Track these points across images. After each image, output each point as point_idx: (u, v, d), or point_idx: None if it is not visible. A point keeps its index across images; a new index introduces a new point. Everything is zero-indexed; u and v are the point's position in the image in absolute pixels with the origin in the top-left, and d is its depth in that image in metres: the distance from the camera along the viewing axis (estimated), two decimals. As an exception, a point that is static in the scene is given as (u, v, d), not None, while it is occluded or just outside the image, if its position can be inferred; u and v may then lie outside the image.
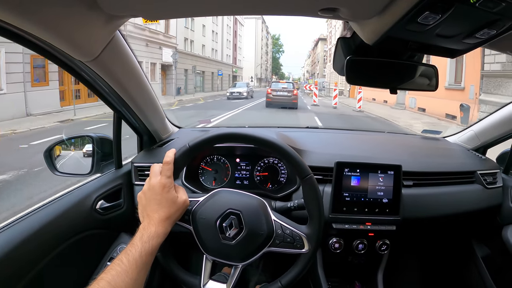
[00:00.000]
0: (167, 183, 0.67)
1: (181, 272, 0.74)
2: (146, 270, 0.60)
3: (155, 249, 0.62)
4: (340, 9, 0.60)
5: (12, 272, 0.71)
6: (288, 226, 0.72)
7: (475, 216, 1.25)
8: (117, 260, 0.57)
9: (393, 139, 1.57)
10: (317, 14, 0.63)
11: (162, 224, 0.65)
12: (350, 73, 0.76)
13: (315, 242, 0.72)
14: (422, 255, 1.52)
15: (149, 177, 0.69)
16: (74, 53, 0.70)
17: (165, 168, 0.68)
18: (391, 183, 1.01)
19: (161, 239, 0.64)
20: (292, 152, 0.73)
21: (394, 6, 0.56)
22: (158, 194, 0.66)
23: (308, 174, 0.72)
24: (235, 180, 1.19)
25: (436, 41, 0.68)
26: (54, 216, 0.85)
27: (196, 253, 1.49)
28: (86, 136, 1.13)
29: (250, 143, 0.76)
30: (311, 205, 0.73)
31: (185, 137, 1.31)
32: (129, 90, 0.92)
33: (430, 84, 0.85)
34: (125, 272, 0.55)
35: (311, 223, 0.73)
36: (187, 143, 0.72)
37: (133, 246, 0.60)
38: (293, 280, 0.72)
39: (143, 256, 0.59)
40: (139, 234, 0.62)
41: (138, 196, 0.69)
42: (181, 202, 0.68)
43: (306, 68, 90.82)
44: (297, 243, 0.71)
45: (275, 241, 0.71)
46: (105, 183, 1.05)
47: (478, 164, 1.27)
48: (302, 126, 1.66)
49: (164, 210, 0.66)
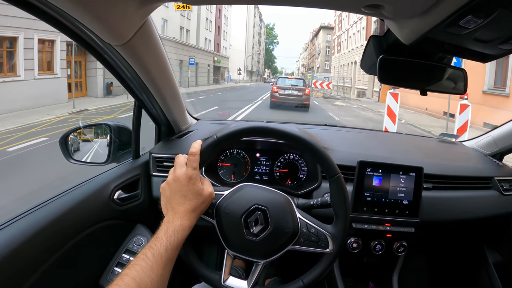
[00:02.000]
0: (193, 174, 0.64)
1: (201, 267, 0.72)
2: (171, 265, 0.58)
3: (180, 243, 0.60)
4: (384, 7, 0.60)
5: (29, 260, 0.70)
6: (313, 225, 0.71)
7: (490, 222, 1.26)
8: (142, 255, 0.55)
9: (411, 141, 1.56)
10: (361, 10, 0.63)
11: (187, 217, 0.63)
12: (382, 73, 0.76)
13: (340, 242, 0.71)
14: (433, 257, 1.52)
15: (173, 168, 0.67)
16: (105, 35, 0.69)
17: (191, 159, 0.66)
18: (412, 184, 1.01)
19: (187, 232, 0.62)
20: (322, 150, 0.72)
21: (438, 8, 0.55)
22: (184, 186, 0.64)
23: (337, 173, 0.71)
24: (254, 175, 1.18)
25: (471, 45, 0.69)
26: (73, 205, 0.84)
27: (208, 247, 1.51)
28: (103, 124, 1.12)
29: (279, 138, 0.74)
30: (338, 205, 0.72)
31: (203, 130, 1.30)
32: (155, 78, 0.90)
33: (456, 88, 0.86)
34: (150, 268, 0.53)
35: (337, 223, 0.72)
36: (215, 134, 0.70)
37: (158, 240, 0.57)
38: (316, 279, 0.71)
39: (168, 250, 0.57)
40: (164, 227, 0.60)
41: (162, 187, 0.67)
42: (207, 194, 0.66)
43: (302, 62, 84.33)
44: (321, 242, 0.70)
45: (299, 240, 0.70)
46: (123, 173, 1.04)
47: (495, 170, 1.27)
48: (321, 123, 1.66)
49: (189, 202, 0.64)
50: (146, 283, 0.51)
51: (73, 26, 0.68)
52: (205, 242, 1.49)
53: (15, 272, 0.66)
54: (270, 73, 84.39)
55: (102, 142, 1.14)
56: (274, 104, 11.39)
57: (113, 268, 0.96)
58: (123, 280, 0.50)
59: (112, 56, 0.80)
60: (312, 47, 60.23)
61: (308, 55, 69.56)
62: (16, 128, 6.81)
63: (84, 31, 0.70)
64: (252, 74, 57.87)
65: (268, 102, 12.19)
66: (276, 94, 11.40)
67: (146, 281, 0.51)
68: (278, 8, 72.31)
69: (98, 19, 0.62)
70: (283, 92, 11.40)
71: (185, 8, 22.88)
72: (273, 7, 76.49)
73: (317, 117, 10.58)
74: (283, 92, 11.40)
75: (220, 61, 33.27)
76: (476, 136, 1.52)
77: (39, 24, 5.78)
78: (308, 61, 67.57)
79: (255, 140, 1.16)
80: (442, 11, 0.55)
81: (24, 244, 0.68)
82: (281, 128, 0.73)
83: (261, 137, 0.74)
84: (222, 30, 35.36)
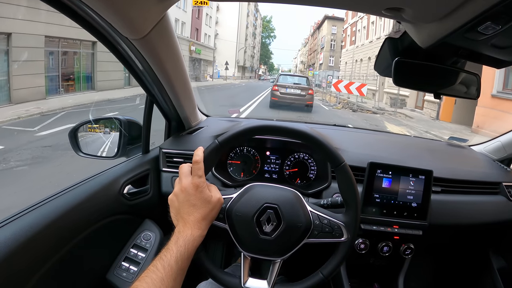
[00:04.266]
0: (200, 183, 0.64)
1: (219, 273, 0.72)
2: (183, 276, 0.58)
3: (191, 254, 0.60)
4: (405, 10, 0.60)
5: (39, 253, 0.70)
6: (326, 216, 0.72)
7: (496, 228, 1.26)
8: (152, 267, 0.55)
9: (420, 144, 1.56)
10: (381, 13, 0.63)
11: (198, 226, 0.63)
12: (397, 75, 0.76)
13: (354, 230, 0.71)
14: (438, 261, 1.52)
15: (178, 178, 0.67)
16: (124, 29, 0.68)
17: (196, 168, 0.65)
18: (421, 187, 1.01)
19: (198, 242, 0.62)
20: (324, 141, 0.72)
21: (457, 13, 0.56)
22: (192, 195, 0.64)
23: (342, 162, 0.71)
24: (264, 173, 1.18)
25: (488, 51, 0.69)
26: (83, 198, 0.84)
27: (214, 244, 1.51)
28: (114, 118, 1.12)
29: (280, 134, 0.75)
30: (347, 193, 0.72)
31: (213, 126, 1.30)
32: (168, 73, 0.90)
33: (469, 92, 0.86)
34: (160, 280, 0.53)
35: (348, 211, 0.73)
36: (216, 139, 0.70)
37: (168, 251, 0.57)
38: (335, 269, 0.72)
39: (179, 261, 0.57)
40: (174, 238, 0.60)
41: (170, 199, 0.67)
42: (216, 201, 0.66)
43: (301, 58, 78.46)
44: (335, 232, 0.71)
45: (313, 232, 0.70)
46: (133, 167, 1.04)
47: (503, 176, 1.27)
48: (330, 123, 1.66)
49: (199, 211, 0.63)
50: None
51: (90, 18, 0.68)
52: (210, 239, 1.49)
53: (25, 264, 0.66)
54: (266, 69, 78.87)
55: (112, 136, 1.14)
56: (275, 104, 10.46)
57: (120, 263, 0.96)
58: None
59: (127, 50, 0.80)
60: (313, 41, 53.72)
61: (308, 51, 63.21)
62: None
63: (100, 24, 0.70)
64: (245, 70, 50.07)
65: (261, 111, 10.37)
66: (277, 93, 10.40)
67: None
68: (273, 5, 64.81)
69: (118, 12, 0.62)
70: (285, 91, 10.37)
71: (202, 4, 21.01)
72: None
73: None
74: (284, 91, 10.38)
75: (200, 52, 25.73)
76: (485, 141, 1.52)
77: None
78: (308, 57, 61.16)
79: (264, 138, 1.16)
80: (461, 16, 0.55)
81: (34, 237, 0.68)
82: (282, 125, 0.73)
83: (263, 135, 0.74)
84: (203, 13, 27.59)
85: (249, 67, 52.73)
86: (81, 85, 10.61)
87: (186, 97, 1.09)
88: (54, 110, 7.26)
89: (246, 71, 50.46)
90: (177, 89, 0.99)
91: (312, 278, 0.72)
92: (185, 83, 1.02)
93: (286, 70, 76.97)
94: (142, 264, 0.96)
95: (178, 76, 0.96)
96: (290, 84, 10.67)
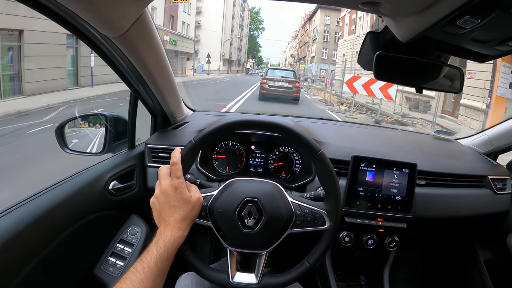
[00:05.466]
0: (179, 183, 0.65)
1: (207, 270, 0.73)
2: (163, 277, 0.59)
3: (171, 254, 0.61)
4: (381, 4, 0.60)
5: (24, 250, 0.70)
6: (307, 205, 0.73)
7: (482, 221, 1.27)
8: (132, 269, 0.56)
9: (406, 137, 1.57)
10: (358, 7, 0.63)
11: (178, 226, 0.64)
12: (378, 69, 0.76)
13: (336, 217, 0.72)
14: (425, 254, 1.54)
15: (158, 181, 0.68)
16: (101, 27, 0.68)
17: (174, 169, 0.66)
18: (405, 181, 1.02)
19: (178, 242, 0.63)
20: (300, 131, 0.72)
21: (435, 7, 0.55)
22: (171, 197, 0.64)
23: (318, 150, 0.71)
24: (249, 167, 1.19)
25: (468, 45, 0.69)
26: (68, 195, 0.84)
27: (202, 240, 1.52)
28: (99, 114, 1.12)
29: (257, 128, 0.75)
30: (326, 181, 0.73)
31: (199, 121, 1.30)
32: (151, 69, 0.90)
33: (453, 86, 0.86)
34: (140, 282, 0.54)
35: (328, 199, 0.73)
36: (192, 138, 0.71)
37: (148, 253, 0.58)
38: (320, 258, 0.73)
39: (158, 263, 0.57)
40: (155, 239, 0.61)
41: (151, 202, 0.68)
42: (195, 200, 0.67)
43: (290, 51, 72.82)
44: (318, 220, 0.72)
45: (296, 222, 0.71)
46: (118, 163, 1.04)
47: (489, 169, 1.28)
48: (316, 117, 1.65)
49: (179, 212, 0.64)
50: None
51: (70, 17, 0.67)
52: (198, 235, 1.51)
53: (10, 262, 0.67)
54: (254, 63, 76.49)
55: (98, 132, 1.14)
56: (264, 96, 10.93)
57: (107, 258, 0.97)
58: None
59: (108, 48, 0.79)
60: (304, 33, 49.19)
61: (298, 44, 58.25)
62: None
63: (80, 23, 0.70)
64: (231, 63, 46.72)
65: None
66: (265, 85, 10.94)
67: None
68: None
69: (94, 11, 0.61)
70: (273, 84, 10.91)
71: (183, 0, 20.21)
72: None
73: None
74: (272, 84, 10.92)
75: (175, 43, 22.20)
76: (471, 135, 1.53)
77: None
78: (299, 50, 56.41)
79: (249, 132, 1.16)
80: (439, 10, 0.55)
81: (19, 234, 0.69)
82: (257, 119, 0.73)
83: (239, 130, 0.74)
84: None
85: (236, 61, 50.04)
86: (1, 90, 7.39)
87: (171, 93, 1.08)
88: None
89: (232, 65, 47.71)
90: (160, 85, 0.99)
91: (299, 268, 0.73)
92: (169, 79, 1.01)
93: (275, 64, 74.12)
94: (128, 259, 0.97)
95: (161, 72, 0.95)
96: (278, 78, 11.19)
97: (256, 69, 67.83)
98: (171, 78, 1.04)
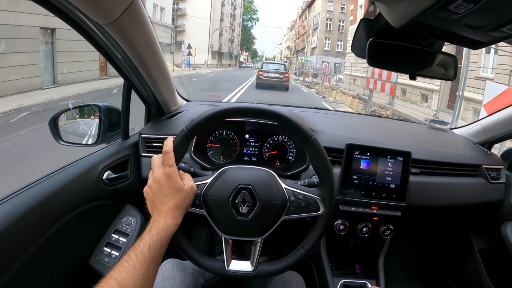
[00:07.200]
0: (171, 172, 0.65)
1: (203, 258, 0.73)
2: (157, 264, 0.60)
3: (165, 242, 0.62)
4: None
5: (18, 241, 0.70)
6: (301, 191, 0.72)
7: (476, 209, 1.28)
8: (126, 256, 0.56)
9: (401, 126, 1.57)
10: None
11: (171, 214, 0.64)
12: (371, 56, 0.76)
13: (330, 202, 0.72)
14: (420, 242, 1.55)
15: (151, 170, 0.68)
16: (92, 13, 0.67)
17: (166, 158, 0.67)
18: (399, 169, 1.02)
19: (171, 230, 0.63)
20: (292, 117, 0.72)
21: None
22: (164, 185, 0.65)
23: (310, 136, 0.71)
24: (243, 156, 1.19)
25: (462, 31, 0.68)
26: (61, 185, 0.84)
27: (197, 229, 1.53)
28: (93, 105, 1.11)
29: (249, 116, 0.75)
30: (319, 167, 0.73)
31: (193, 111, 1.30)
32: (143, 58, 0.89)
33: (447, 74, 0.86)
34: (133, 268, 0.54)
35: (322, 184, 0.73)
36: (185, 127, 0.71)
37: (142, 241, 0.59)
38: (315, 244, 0.73)
39: (151, 250, 0.58)
40: (148, 227, 0.62)
41: (145, 191, 0.68)
42: (188, 189, 0.67)
43: (286, 43, 70.10)
44: (312, 206, 0.72)
45: (290, 209, 0.71)
46: (112, 153, 1.04)
47: (483, 158, 1.28)
48: (311, 106, 1.65)
49: (172, 200, 0.65)
50: (128, 283, 0.52)
51: (60, 4, 0.66)
52: (194, 224, 1.51)
53: (3, 253, 0.66)
54: (248, 56, 72.99)
55: (92, 123, 1.13)
56: (260, 85, 13.46)
57: (102, 248, 0.97)
58: (107, 282, 0.51)
59: (100, 36, 0.79)
60: (302, 23, 44.78)
61: (295, 35, 53.99)
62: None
63: (72, 10, 0.69)
64: (222, 56, 42.57)
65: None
66: (261, 76, 13.75)
67: (128, 282, 0.52)
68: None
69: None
70: (267, 75, 13.73)
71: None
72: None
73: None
74: (267, 75, 13.76)
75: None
76: (466, 124, 1.53)
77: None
78: (296, 41, 52.29)
79: (243, 121, 1.16)
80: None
81: (13, 225, 0.68)
82: (249, 106, 0.73)
83: (232, 118, 0.73)
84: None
85: (227, 53, 45.84)
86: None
87: (164, 82, 1.08)
88: None
89: (223, 58, 43.91)
90: (154, 74, 0.98)
91: (294, 254, 0.73)
92: (162, 68, 1.01)
93: (270, 58, 73.57)
94: (123, 249, 0.97)
95: (154, 60, 0.94)
96: (271, 70, 14.19)
97: (250, 63, 65.75)
98: (165, 67, 1.03)
